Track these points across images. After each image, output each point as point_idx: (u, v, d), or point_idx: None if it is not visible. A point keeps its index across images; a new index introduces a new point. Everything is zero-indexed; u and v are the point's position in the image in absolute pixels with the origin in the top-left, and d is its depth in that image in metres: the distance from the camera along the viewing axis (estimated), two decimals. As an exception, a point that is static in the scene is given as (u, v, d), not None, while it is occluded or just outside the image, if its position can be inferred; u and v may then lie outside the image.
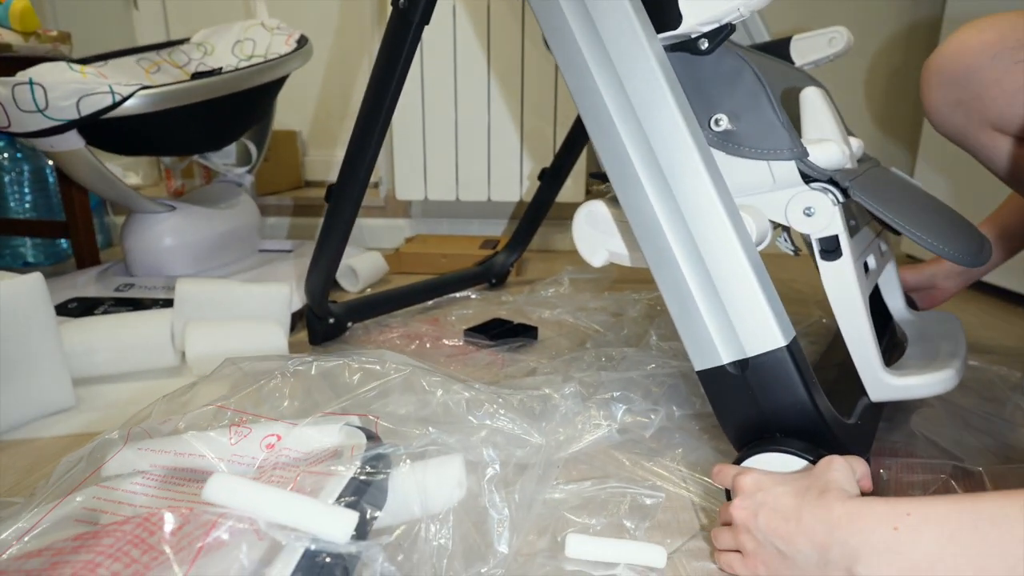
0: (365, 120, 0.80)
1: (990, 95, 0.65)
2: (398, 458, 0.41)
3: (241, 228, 1.21)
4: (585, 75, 0.56)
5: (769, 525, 0.41)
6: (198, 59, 1.29)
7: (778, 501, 0.42)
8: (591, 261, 0.68)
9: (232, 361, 0.52)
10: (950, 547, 0.34)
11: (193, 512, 0.32)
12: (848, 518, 0.38)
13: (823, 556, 0.38)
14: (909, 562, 0.35)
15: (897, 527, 0.36)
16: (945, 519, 0.35)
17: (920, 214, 0.67)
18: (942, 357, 0.66)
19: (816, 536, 0.39)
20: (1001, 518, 0.33)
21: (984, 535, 0.33)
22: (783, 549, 0.41)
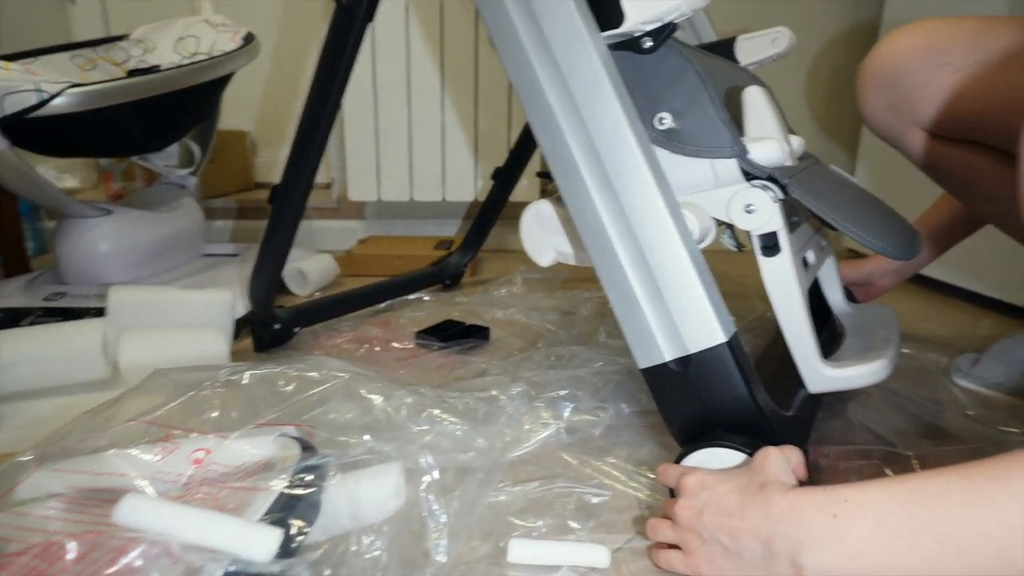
0: (309, 119, 0.78)
1: (918, 96, 0.67)
2: (332, 469, 0.40)
3: (183, 232, 1.17)
4: (529, 73, 0.56)
5: (714, 523, 0.42)
6: (138, 56, 1.24)
7: (722, 500, 0.43)
8: (538, 261, 0.68)
9: (161, 372, 0.50)
10: (885, 529, 0.35)
11: (100, 537, 0.30)
12: (789, 511, 0.39)
13: (768, 549, 0.39)
14: (848, 548, 0.36)
15: (836, 515, 0.37)
16: (879, 503, 0.36)
17: (855, 210, 0.68)
18: (877, 348, 0.68)
19: (760, 531, 0.39)
20: (929, 497, 0.34)
21: (914, 515, 0.34)
22: (729, 546, 0.41)
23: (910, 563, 0.34)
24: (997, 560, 0.31)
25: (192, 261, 1.18)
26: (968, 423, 0.66)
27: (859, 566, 0.35)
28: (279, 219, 0.83)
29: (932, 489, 0.34)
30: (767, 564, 0.39)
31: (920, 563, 0.33)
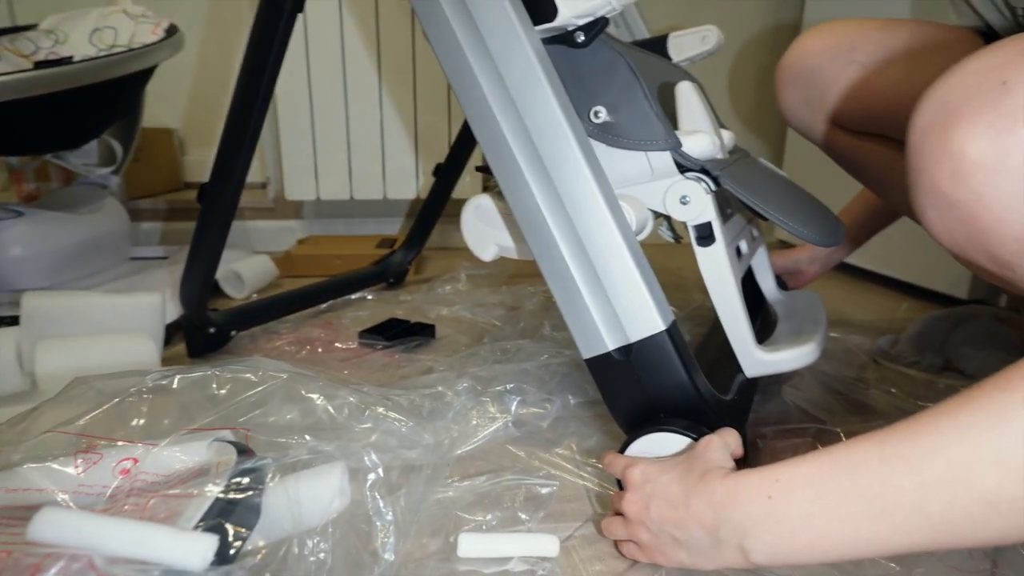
0: (237, 115, 0.75)
1: (830, 92, 0.72)
2: (272, 471, 0.38)
3: (106, 234, 1.10)
4: (464, 68, 0.55)
5: (661, 515, 0.42)
6: (48, 47, 1.16)
7: (666, 490, 0.43)
8: (481, 255, 0.68)
9: (82, 380, 0.47)
10: (817, 504, 0.36)
11: (12, 556, 0.28)
12: (728, 496, 0.39)
13: (714, 537, 0.40)
14: (787, 526, 0.37)
15: (770, 496, 0.38)
16: (808, 479, 0.37)
17: (783, 201, 0.71)
18: (807, 332, 0.71)
19: (704, 520, 0.40)
20: (852, 466, 0.35)
21: (841, 485, 0.35)
22: (677, 536, 0.42)
23: (844, 532, 0.35)
24: (917, 516, 0.33)
25: (117, 265, 1.12)
26: (891, 399, 0.71)
27: (800, 542, 0.36)
28: (209, 218, 0.80)
29: (854, 458, 0.35)
30: (716, 551, 0.40)
31: (852, 531, 0.34)
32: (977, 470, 0.31)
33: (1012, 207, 0.35)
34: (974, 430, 0.32)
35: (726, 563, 0.40)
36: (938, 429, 0.33)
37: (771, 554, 0.37)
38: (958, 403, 0.33)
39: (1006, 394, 0.32)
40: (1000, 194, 0.35)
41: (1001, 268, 0.38)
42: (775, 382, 0.75)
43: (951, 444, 0.32)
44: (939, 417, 0.33)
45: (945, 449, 0.32)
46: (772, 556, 0.38)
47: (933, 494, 0.32)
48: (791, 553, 0.37)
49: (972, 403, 0.33)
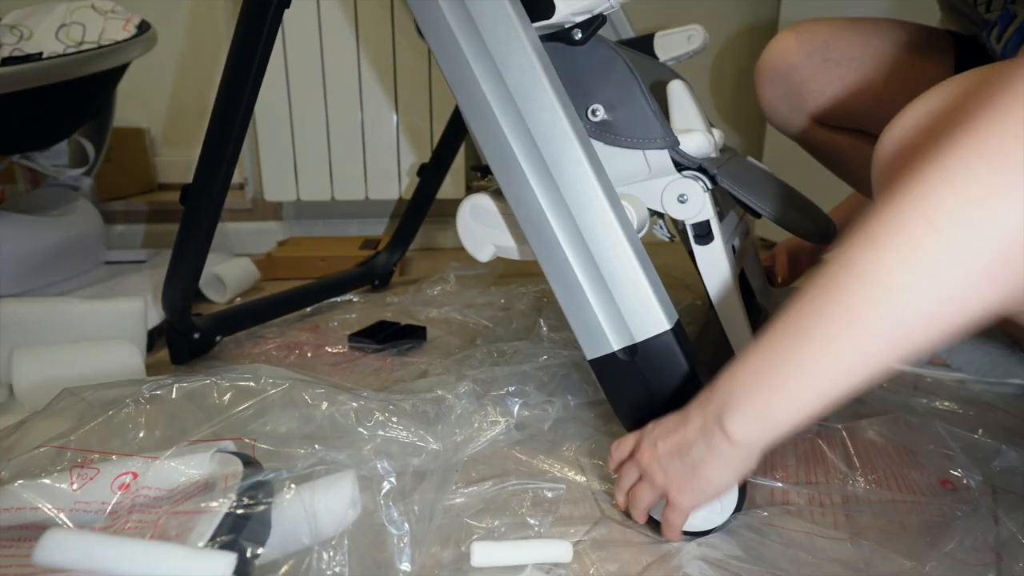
0: (221, 114, 0.73)
1: (807, 89, 0.74)
2: (281, 483, 0.37)
3: (80, 237, 1.06)
4: (462, 65, 0.54)
5: (667, 446, 0.44)
6: (12, 44, 1.12)
7: (667, 424, 0.46)
8: (477, 256, 0.67)
9: (72, 391, 0.45)
10: (767, 364, 0.39)
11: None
12: (709, 389, 0.43)
13: (707, 437, 0.41)
14: (744, 390, 0.40)
15: (734, 371, 0.41)
16: (759, 344, 0.40)
17: (777, 199, 0.72)
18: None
19: (698, 424, 0.42)
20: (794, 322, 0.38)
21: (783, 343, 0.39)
22: (683, 459, 0.43)
23: (811, 380, 0.37)
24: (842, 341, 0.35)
25: (93, 269, 1.08)
26: (883, 393, 0.72)
27: (759, 397, 0.39)
28: (193, 221, 0.77)
29: (806, 317, 0.38)
30: (711, 451, 0.41)
31: (820, 376, 0.37)
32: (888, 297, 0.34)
33: None
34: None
35: (722, 457, 0.41)
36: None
37: (740, 416, 0.40)
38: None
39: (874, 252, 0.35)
40: None
41: None
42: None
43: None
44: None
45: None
46: (742, 419, 0.40)
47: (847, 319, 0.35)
48: (757, 410, 0.39)
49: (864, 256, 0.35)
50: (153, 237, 1.45)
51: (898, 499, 0.54)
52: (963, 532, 0.47)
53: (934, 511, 0.51)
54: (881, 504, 0.53)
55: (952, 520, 0.49)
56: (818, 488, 0.55)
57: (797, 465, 0.59)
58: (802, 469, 0.58)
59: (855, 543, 0.48)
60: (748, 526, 0.50)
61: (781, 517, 0.51)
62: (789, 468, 0.58)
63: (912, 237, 0.33)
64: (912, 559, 0.45)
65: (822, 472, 0.58)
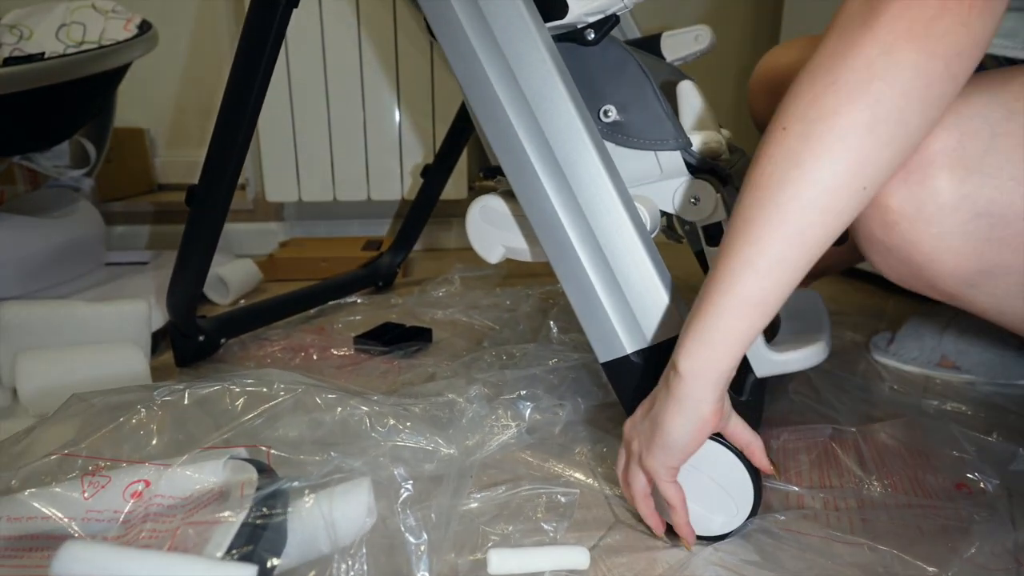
0: (229, 114, 0.72)
1: None
2: (298, 491, 0.36)
3: (81, 239, 1.05)
4: (475, 65, 0.54)
5: (641, 411, 0.48)
6: (12, 44, 1.11)
7: (641, 410, 0.48)
8: (487, 258, 0.66)
9: (81, 397, 0.44)
10: (709, 316, 0.42)
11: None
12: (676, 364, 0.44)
13: (666, 385, 0.44)
14: (694, 336, 0.42)
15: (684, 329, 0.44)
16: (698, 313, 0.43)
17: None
18: (812, 331, 0.71)
19: (661, 381, 0.46)
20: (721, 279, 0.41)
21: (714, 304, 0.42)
22: (651, 415, 0.46)
23: (727, 323, 0.41)
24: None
25: (94, 271, 1.07)
26: (894, 395, 0.71)
27: (694, 327, 0.42)
28: (199, 223, 0.76)
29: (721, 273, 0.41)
30: (667, 397, 0.44)
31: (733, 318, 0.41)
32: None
33: (939, 248, 0.39)
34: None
35: (674, 399, 0.43)
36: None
37: (689, 357, 0.42)
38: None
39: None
40: (925, 238, 0.39)
41: (951, 298, 0.43)
42: (779, 380, 0.76)
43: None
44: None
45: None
46: (689, 358, 0.42)
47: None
48: (698, 342, 0.42)
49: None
50: (154, 238, 1.44)
51: (914, 503, 0.53)
52: (982, 537, 0.46)
53: (951, 515, 0.51)
54: (897, 508, 0.53)
55: (970, 524, 0.49)
56: (833, 492, 0.55)
57: (811, 469, 0.58)
58: (816, 473, 0.58)
59: (873, 548, 0.47)
60: (764, 530, 0.50)
61: (797, 521, 0.51)
62: (803, 472, 0.58)
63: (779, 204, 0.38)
64: (933, 564, 0.44)
65: (836, 476, 0.57)
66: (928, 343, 0.81)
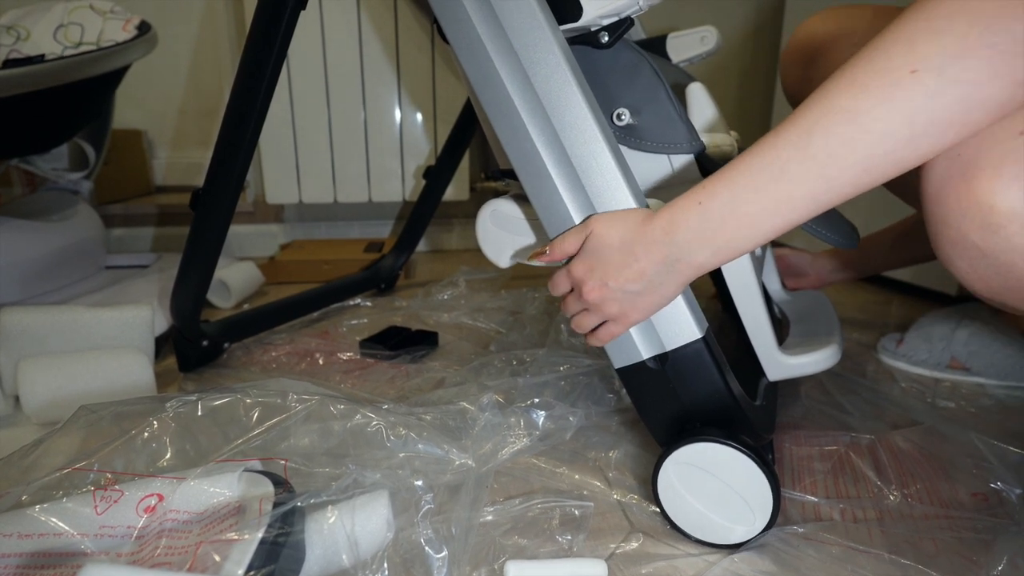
0: (235, 116, 0.71)
1: (830, 70, 0.75)
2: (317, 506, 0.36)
3: (81, 242, 1.04)
4: (488, 68, 0.53)
5: (619, 281, 0.46)
6: (9, 45, 1.09)
7: (612, 258, 0.47)
8: (498, 262, 0.65)
9: (89, 408, 0.43)
10: (736, 190, 0.41)
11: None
12: (670, 223, 0.44)
13: (667, 264, 0.44)
14: (716, 216, 0.41)
15: (700, 201, 0.42)
16: (726, 179, 0.41)
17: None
18: (823, 334, 0.71)
19: (655, 254, 0.44)
20: (757, 157, 0.40)
21: (751, 170, 0.40)
22: (638, 288, 0.46)
23: (759, 203, 0.40)
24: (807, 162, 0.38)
25: (94, 275, 1.06)
26: (906, 398, 0.71)
27: (729, 226, 0.41)
28: (203, 226, 0.75)
29: (757, 156, 0.40)
30: (671, 275, 0.44)
31: (766, 199, 0.39)
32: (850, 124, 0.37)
33: None
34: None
35: (683, 280, 0.45)
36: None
37: (712, 248, 0.42)
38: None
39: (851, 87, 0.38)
40: None
41: None
42: (791, 383, 0.75)
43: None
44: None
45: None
46: (714, 250, 0.42)
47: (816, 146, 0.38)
48: (727, 240, 0.42)
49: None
50: (153, 241, 1.42)
51: (931, 513, 0.53)
52: (1005, 549, 0.46)
53: (971, 526, 0.51)
54: (916, 520, 0.52)
55: (994, 537, 0.48)
56: (851, 502, 0.54)
57: (827, 478, 0.58)
58: (832, 481, 0.57)
59: (894, 560, 0.47)
60: (783, 540, 0.49)
61: (815, 532, 0.50)
62: (819, 481, 0.57)
63: (895, 82, 0.35)
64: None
65: (853, 485, 0.57)
66: (937, 345, 0.81)
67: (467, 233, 1.53)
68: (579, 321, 0.51)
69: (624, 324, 0.49)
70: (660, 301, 0.47)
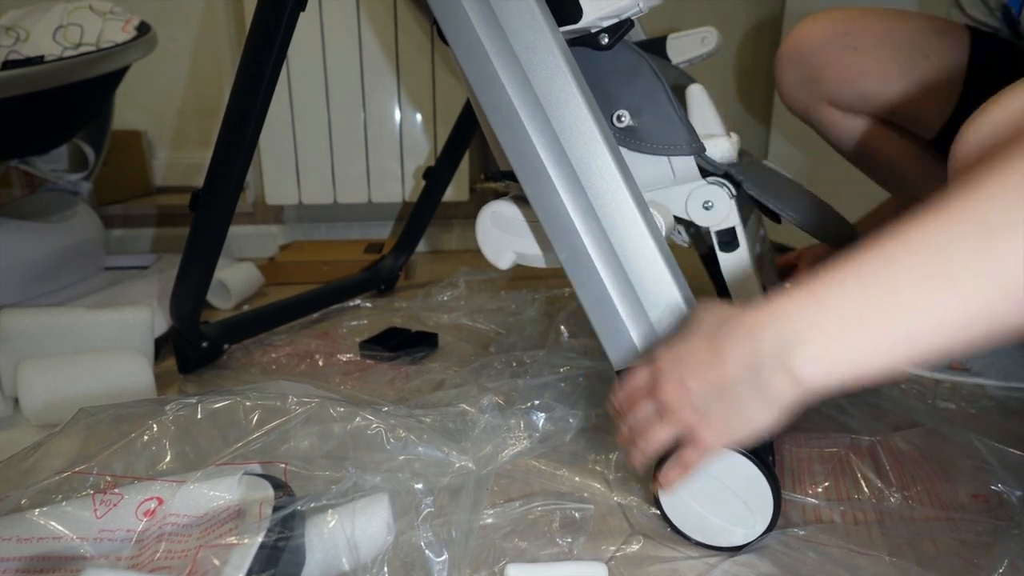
0: (234, 117, 0.71)
1: (825, 75, 0.75)
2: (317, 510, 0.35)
3: (80, 244, 1.04)
4: (488, 70, 0.53)
5: (700, 383, 0.38)
6: (8, 46, 1.09)
7: (694, 355, 0.39)
8: (497, 264, 0.65)
9: (89, 411, 0.43)
10: (874, 290, 0.32)
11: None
12: (764, 316, 0.35)
13: (755, 373, 0.35)
14: (839, 321, 0.32)
15: (813, 293, 0.34)
16: (857, 273, 0.33)
17: (800, 205, 0.71)
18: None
19: (742, 358, 0.35)
20: (903, 254, 0.32)
21: (898, 265, 0.32)
22: (722, 398, 0.37)
23: (909, 317, 0.31)
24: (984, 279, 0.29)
25: (93, 276, 1.06)
26: (905, 399, 0.71)
27: (858, 337, 0.32)
28: (203, 227, 0.75)
29: (900, 249, 0.32)
30: (762, 390, 0.35)
31: (921, 314, 0.31)
32: None
33: None
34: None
35: (776, 399, 0.35)
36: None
37: (825, 361, 0.32)
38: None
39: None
40: None
41: None
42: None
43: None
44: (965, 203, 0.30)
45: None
46: (827, 365, 0.33)
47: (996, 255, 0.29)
48: (849, 355, 0.32)
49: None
50: (153, 241, 1.42)
51: (932, 515, 0.53)
52: (1006, 551, 0.46)
53: (971, 528, 0.50)
54: (914, 522, 0.52)
55: (995, 537, 0.48)
56: (851, 504, 0.54)
57: (828, 480, 0.58)
58: (832, 483, 0.57)
59: (895, 562, 0.47)
60: (783, 543, 0.49)
61: (816, 534, 0.50)
62: (819, 483, 0.57)
63: None
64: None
65: (853, 487, 0.57)
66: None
67: (467, 234, 1.53)
68: (646, 433, 0.42)
69: (697, 448, 0.40)
70: (740, 424, 0.37)
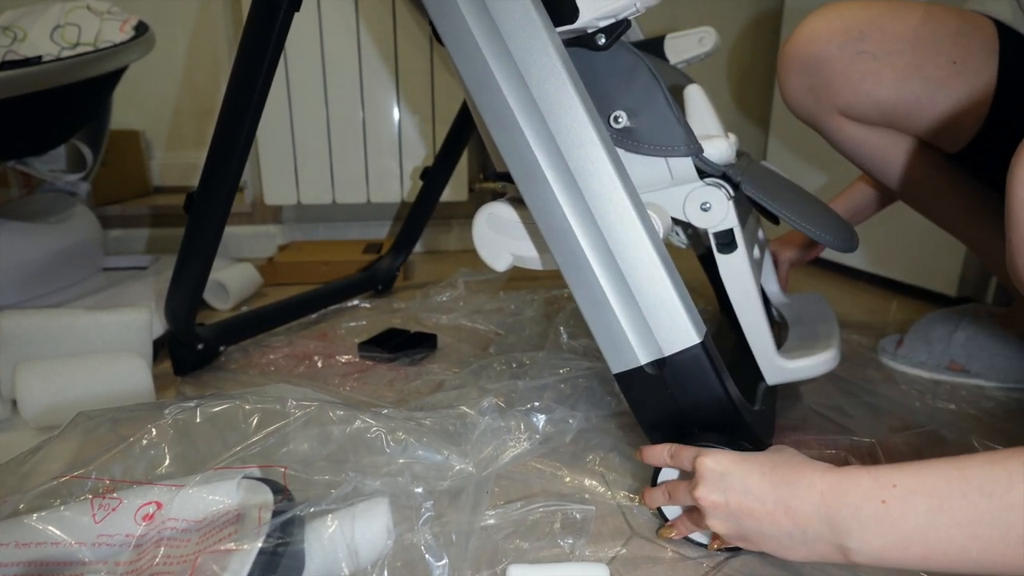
0: (229, 118, 0.71)
1: (837, 83, 0.68)
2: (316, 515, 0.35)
3: (78, 244, 1.04)
4: (483, 71, 0.53)
5: (742, 508, 0.40)
6: (6, 46, 1.09)
7: (746, 482, 0.41)
8: (494, 266, 0.65)
9: (88, 415, 0.43)
10: (941, 517, 0.34)
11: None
12: (833, 493, 0.38)
13: (805, 531, 0.38)
14: (900, 533, 0.35)
15: (885, 500, 0.36)
16: (934, 490, 0.35)
17: (799, 206, 0.71)
18: (823, 337, 0.71)
19: (798, 514, 0.38)
20: (991, 484, 0.33)
21: (975, 504, 0.33)
22: (760, 529, 0.40)
23: (966, 550, 0.33)
24: None
25: (91, 277, 1.05)
26: (905, 400, 0.71)
27: (910, 552, 0.35)
28: (198, 229, 0.75)
29: (993, 476, 0.33)
30: (806, 545, 0.38)
31: (978, 551, 0.33)
32: None
33: None
34: None
35: (817, 557, 0.39)
36: None
37: (878, 557, 0.36)
38: None
39: None
40: None
41: None
42: (790, 385, 0.75)
43: None
44: None
45: None
46: (879, 559, 0.36)
47: None
48: (901, 560, 0.35)
49: None
50: (151, 242, 1.42)
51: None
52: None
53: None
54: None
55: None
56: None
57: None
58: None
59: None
60: (783, 544, 0.49)
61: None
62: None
63: None
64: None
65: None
66: (937, 347, 0.81)
67: (465, 234, 1.53)
68: (680, 520, 0.48)
69: (732, 537, 0.43)
70: (773, 551, 0.40)
